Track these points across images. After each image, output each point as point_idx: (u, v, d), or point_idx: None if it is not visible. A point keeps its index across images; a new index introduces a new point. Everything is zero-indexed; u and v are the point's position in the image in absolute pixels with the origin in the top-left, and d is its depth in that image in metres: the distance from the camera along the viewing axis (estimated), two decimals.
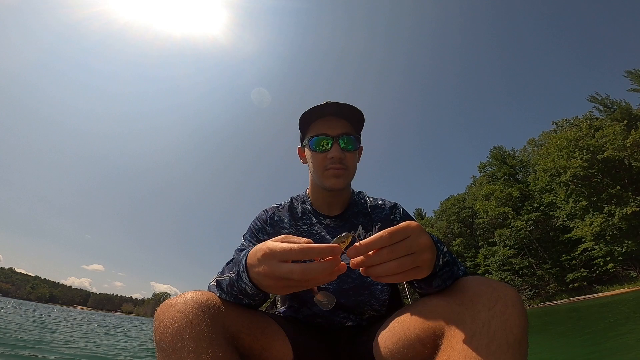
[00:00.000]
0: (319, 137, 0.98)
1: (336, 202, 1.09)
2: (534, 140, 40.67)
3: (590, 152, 28.37)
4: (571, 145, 29.46)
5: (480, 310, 0.56)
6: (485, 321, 0.54)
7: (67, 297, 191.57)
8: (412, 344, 0.67)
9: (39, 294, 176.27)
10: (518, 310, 0.55)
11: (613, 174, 28.30)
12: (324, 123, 1.00)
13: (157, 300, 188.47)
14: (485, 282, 0.61)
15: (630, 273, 26.41)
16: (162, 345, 0.57)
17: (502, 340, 0.52)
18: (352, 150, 1.01)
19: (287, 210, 1.11)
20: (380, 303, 0.99)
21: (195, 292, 0.67)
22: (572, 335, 5.36)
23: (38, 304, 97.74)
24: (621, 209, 25.54)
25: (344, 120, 1.01)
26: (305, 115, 1.01)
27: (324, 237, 1.03)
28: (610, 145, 28.15)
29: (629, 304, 10.02)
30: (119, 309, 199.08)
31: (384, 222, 1.06)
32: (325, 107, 0.99)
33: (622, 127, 28.88)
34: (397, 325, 0.75)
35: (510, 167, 41.10)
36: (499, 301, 0.56)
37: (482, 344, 0.52)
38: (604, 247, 26.58)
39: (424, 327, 0.65)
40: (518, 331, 0.53)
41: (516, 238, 34.09)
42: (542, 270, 32.01)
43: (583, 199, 28.44)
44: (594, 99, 35.99)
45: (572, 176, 28.62)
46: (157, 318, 0.61)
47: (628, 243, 24.89)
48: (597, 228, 26.49)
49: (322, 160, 0.99)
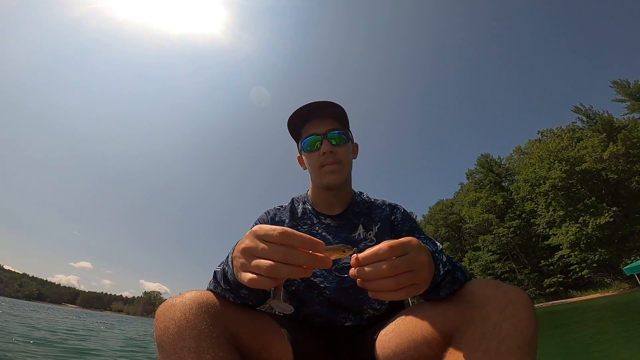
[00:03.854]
0: (309, 138, 1.04)
1: (336, 202, 1.10)
2: (520, 148, 42.05)
3: (569, 163, 29.81)
4: (552, 156, 30.87)
5: (491, 313, 0.55)
6: (497, 323, 0.54)
7: (55, 295, 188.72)
8: (417, 345, 0.67)
9: (27, 292, 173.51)
10: (529, 313, 0.55)
11: (591, 185, 29.78)
12: (312, 125, 1.06)
13: (147, 299, 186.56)
14: (495, 284, 0.61)
15: (604, 279, 27.90)
16: (162, 345, 0.58)
17: (512, 343, 0.51)
18: (342, 144, 1.05)
19: (288, 211, 1.12)
20: (380, 302, 0.99)
21: (195, 291, 0.67)
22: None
23: (26, 302, 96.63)
24: (595, 219, 27.03)
25: (329, 118, 1.06)
26: (291, 122, 1.08)
27: (324, 237, 1.04)
28: (589, 157, 29.57)
29: (598, 309, 10.94)
30: (108, 307, 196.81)
31: (384, 222, 1.07)
32: (308, 110, 1.05)
33: (602, 139, 30.33)
34: (402, 326, 0.74)
35: (495, 175, 42.56)
36: (510, 304, 0.55)
37: (492, 346, 0.52)
38: (578, 255, 28.10)
39: (432, 328, 0.65)
40: (528, 334, 0.53)
41: (499, 244, 35.62)
42: (522, 275, 33.47)
43: (560, 208, 29.89)
44: (578, 109, 37.34)
45: (551, 187, 30.04)
46: (157, 318, 0.62)
47: (601, 251, 26.42)
48: (572, 237, 28.00)
49: (316, 159, 1.04)
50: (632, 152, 29.00)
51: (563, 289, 30.81)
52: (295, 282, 1.01)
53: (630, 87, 34.50)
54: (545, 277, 32.01)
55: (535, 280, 32.62)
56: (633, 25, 75.20)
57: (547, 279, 31.59)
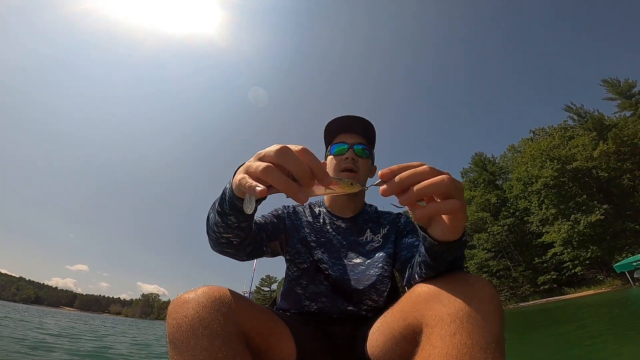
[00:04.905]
0: (339, 145, 1.19)
1: (349, 206, 1.22)
2: (513, 147, 42.48)
3: (560, 162, 30.22)
4: (543, 155, 31.28)
5: (460, 308, 0.55)
6: (463, 319, 0.54)
7: (52, 298, 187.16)
8: (398, 342, 0.68)
9: (24, 295, 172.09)
10: (494, 307, 0.55)
11: (582, 183, 30.22)
12: (345, 135, 1.21)
13: (145, 301, 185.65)
14: (461, 277, 0.62)
15: (597, 276, 28.37)
16: (174, 342, 0.58)
17: (479, 337, 0.52)
18: (364, 157, 1.19)
19: (307, 208, 1.26)
20: (378, 294, 1.03)
21: (208, 287, 0.66)
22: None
23: (24, 305, 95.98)
24: (587, 216, 27.49)
25: (361, 134, 1.21)
26: (330, 128, 1.24)
27: (334, 237, 1.15)
28: (580, 156, 30.01)
29: (592, 305, 11.19)
30: (106, 310, 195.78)
31: (391, 225, 1.19)
32: (347, 121, 1.22)
33: (593, 137, 30.79)
34: (384, 324, 0.76)
35: (489, 174, 42.99)
36: (474, 298, 0.56)
37: (460, 342, 0.52)
38: (571, 252, 28.54)
39: (406, 325, 0.65)
40: (494, 327, 0.53)
41: (493, 242, 36.06)
42: (517, 273, 33.96)
43: (553, 206, 30.35)
44: (569, 108, 37.81)
45: (543, 185, 30.49)
46: (170, 314, 0.62)
47: (593, 248, 26.88)
48: (564, 234, 28.45)
49: (338, 162, 1.17)
50: (622, 150, 29.47)
51: (557, 286, 31.27)
52: (307, 261, 1.10)
53: (621, 85, 35.04)
54: (540, 275, 32.41)
55: (530, 278, 33.05)
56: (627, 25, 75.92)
57: (541, 277, 31.99)
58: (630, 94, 34.30)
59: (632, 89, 34.32)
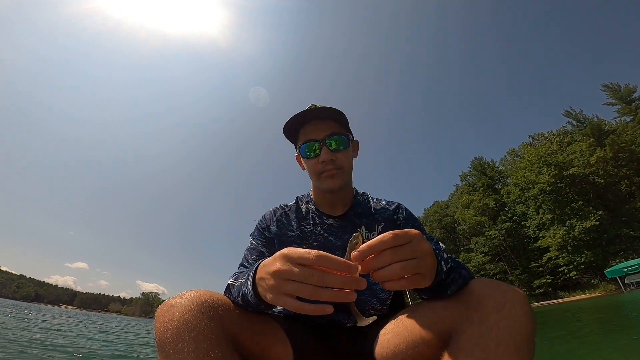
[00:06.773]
0: (307, 144, 1.00)
1: (338, 203, 1.09)
2: (513, 151, 42.68)
3: (558, 167, 30.54)
4: (541, 161, 31.59)
5: (489, 313, 0.55)
6: (494, 324, 0.54)
7: (52, 296, 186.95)
8: (416, 346, 0.67)
9: (25, 293, 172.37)
10: (526, 313, 0.55)
11: (579, 189, 30.56)
12: (310, 128, 1.00)
13: (145, 299, 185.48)
14: (493, 284, 0.62)
15: (591, 280, 28.69)
16: (162, 346, 0.58)
17: (509, 342, 0.52)
18: (342, 149, 1.01)
19: (293, 211, 1.11)
20: (381, 302, 0.99)
21: (195, 291, 0.67)
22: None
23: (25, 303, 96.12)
24: (582, 222, 27.86)
25: (330, 120, 1.01)
26: (288, 125, 1.01)
27: (326, 238, 1.04)
28: (577, 162, 30.35)
29: (583, 309, 11.42)
30: (106, 308, 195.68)
31: (387, 223, 1.07)
32: (307, 112, 0.99)
33: (591, 143, 31.04)
34: (400, 326, 0.75)
35: (488, 178, 43.22)
36: (507, 304, 0.56)
37: (490, 346, 0.52)
38: (565, 257, 28.93)
39: (430, 328, 0.65)
40: (526, 334, 0.53)
41: (491, 246, 36.49)
42: (513, 276, 34.31)
43: (549, 212, 30.69)
44: (568, 113, 37.83)
45: (540, 191, 30.84)
46: (157, 319, 0.62)
47: (587, 253, 27.28)
48: (559, 239, 28.84)
49: (314, 166, 1.01)
50: (620, 157, 29.76)
51: (552, 290, 31.67)
52: None
53: (621, 90, 35.16)
54: (535, 278, 32.81)
55: (526, 281, 33.41)
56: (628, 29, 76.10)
57: (537, 280, 32.42)
58: (630, 99, 34.46)
59: (632, 94, 34.48)
